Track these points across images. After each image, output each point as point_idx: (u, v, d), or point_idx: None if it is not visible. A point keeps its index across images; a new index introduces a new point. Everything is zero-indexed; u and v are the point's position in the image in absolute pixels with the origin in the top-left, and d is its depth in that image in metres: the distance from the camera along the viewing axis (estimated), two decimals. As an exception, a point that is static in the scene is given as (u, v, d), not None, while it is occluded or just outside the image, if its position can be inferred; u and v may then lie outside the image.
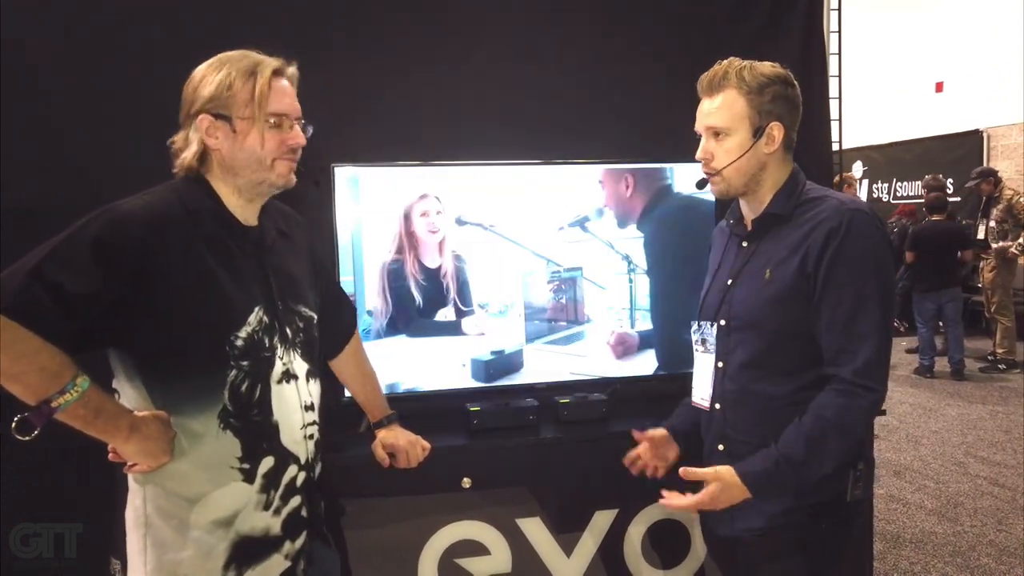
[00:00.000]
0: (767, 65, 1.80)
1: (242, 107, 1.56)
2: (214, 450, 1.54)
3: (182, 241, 1.51)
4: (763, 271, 1.79)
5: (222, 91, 1.55)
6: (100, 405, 1.46)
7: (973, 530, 4.07)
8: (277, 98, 1.59)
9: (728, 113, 1.77)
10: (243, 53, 1.61)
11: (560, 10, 2.83)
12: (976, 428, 5.89)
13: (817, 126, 3.05)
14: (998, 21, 9.49)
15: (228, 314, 1.55)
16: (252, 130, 1.57)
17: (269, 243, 1.69)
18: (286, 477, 1.63)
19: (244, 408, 1.56)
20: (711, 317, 1.90)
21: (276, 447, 1.61)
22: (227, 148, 1.58)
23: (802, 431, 1.68)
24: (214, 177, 1.62)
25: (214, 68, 1.58)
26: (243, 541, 1.58)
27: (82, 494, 2.42)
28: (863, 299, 1.67)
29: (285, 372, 1.63)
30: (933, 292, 7.47)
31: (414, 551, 2.39)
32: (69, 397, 1.40)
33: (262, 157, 1.58)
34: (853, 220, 1.69)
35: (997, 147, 9.88)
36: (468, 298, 2.52)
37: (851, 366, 1.67)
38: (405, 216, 2.45)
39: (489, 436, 2.41)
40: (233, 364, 1.54)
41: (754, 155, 1.77)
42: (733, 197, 1.88)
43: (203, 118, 1.56)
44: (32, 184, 2.37)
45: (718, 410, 1.88)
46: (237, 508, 1.57)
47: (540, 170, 2.62)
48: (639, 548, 2.51)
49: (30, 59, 2.37)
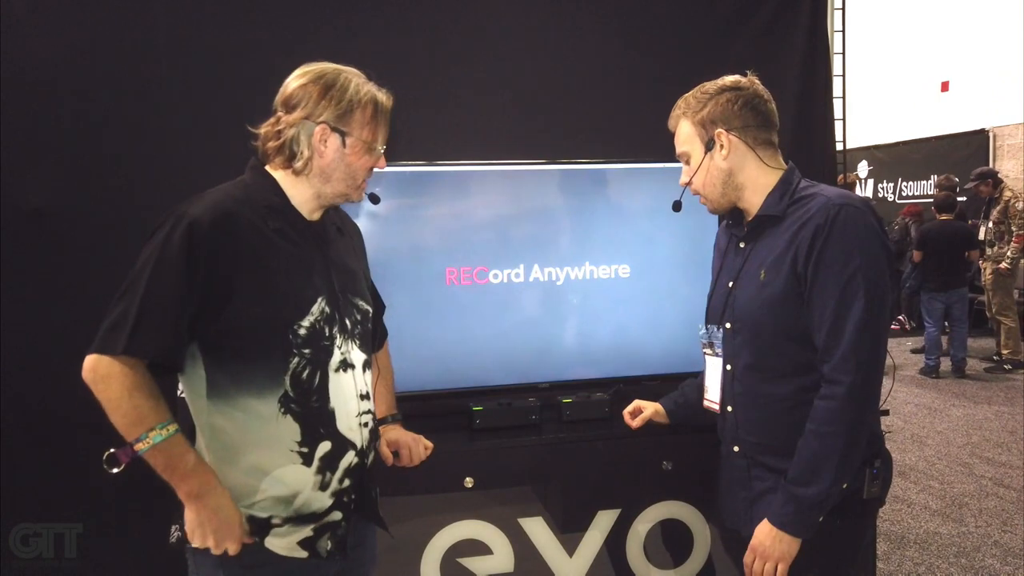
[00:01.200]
0: (717, 81, 1.85)
1: (359, 128, 1.67)
2: (275, 433, 1.61)
3: (252, 236, 1.59)
4: (758, 272, 1.80)
5: (349, 109, 1.65)
6: (171, 461, 1.55)
7: (978, 531, 4.06)
8: (385, 130, 1.73)
9: (682, 138, 1.87)
10: (359, 74, 1.70)
11: (563, 10, 2.82)
12: (981, 428, 5.87)
13: (821, 126, 3.04)
14: (1003, 20, 9.47)
15: (293, 304, 1.63)
16: (361, 152, 1.68)
17: (330, 238, 1.76)
18: (344, 462, 1.69)
19: (304, 394, 1.63)
20: (717, 320, 1.92)
21: (333, 433, 1.68)
22: (331, 159, 1.66)
23: (800, 452, 1.72)
24: (299, 178, 1.68)
25: (341, 84, 1.65)
26: (297, 516, 1.65)
27: (82, 494, 2.43)
28: (849, 295, 1.67)
29: (343, 361, 1.70)
30: (942, 292, 7.46)
31: (416, 550, 2.38)
32: (143, 446, 1.52)
33: (357, 176, 1.71)
34: (839, 215, 1.69)
35: (1003, 146, 9.85)
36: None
37: (831, 361, 1.69)
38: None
39: (492, 436, 2.40)
40: (296, 352, 1.62)
41: (713, 166, 1.82)
42: (724, 210, 1.91)
43: (323, 128, 1.64)
44: (32, 184, 2.37)
45: (730, 412, 1.90)
46: (297, 489, 1.64)
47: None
48: (642, 548, 2.50)
49: (30, 59, 2.37)
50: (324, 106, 1.63)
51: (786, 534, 1.71)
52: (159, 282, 1.51)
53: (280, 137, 1.64)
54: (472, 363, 2.53)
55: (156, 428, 1.52)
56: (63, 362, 2.40)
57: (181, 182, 2.38)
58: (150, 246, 1.55)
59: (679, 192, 1.94)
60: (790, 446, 1.75)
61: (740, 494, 1.89)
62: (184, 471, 1.55)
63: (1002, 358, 7.72)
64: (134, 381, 1.51)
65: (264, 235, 1.61)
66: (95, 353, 1.53)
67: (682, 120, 1.86)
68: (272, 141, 1.66)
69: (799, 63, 2.98)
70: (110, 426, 2.38)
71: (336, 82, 1.65)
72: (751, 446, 1.85)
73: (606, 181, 2.64)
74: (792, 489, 1.70)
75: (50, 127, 2.40)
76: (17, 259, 2.38)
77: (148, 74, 2.46)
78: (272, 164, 1.69)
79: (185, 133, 2.46)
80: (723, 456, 1.96)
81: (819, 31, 3.01)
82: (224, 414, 1.60)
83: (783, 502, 1.72)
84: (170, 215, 1.57)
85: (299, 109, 1.64)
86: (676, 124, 1.89)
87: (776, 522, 1.72)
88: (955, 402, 6.66)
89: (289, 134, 1.64)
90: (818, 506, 1.70)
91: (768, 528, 1.73)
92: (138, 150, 2.46)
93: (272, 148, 1.66)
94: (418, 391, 2.44)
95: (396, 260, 2.43)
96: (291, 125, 1.64)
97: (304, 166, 1.66)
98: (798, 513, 1.70)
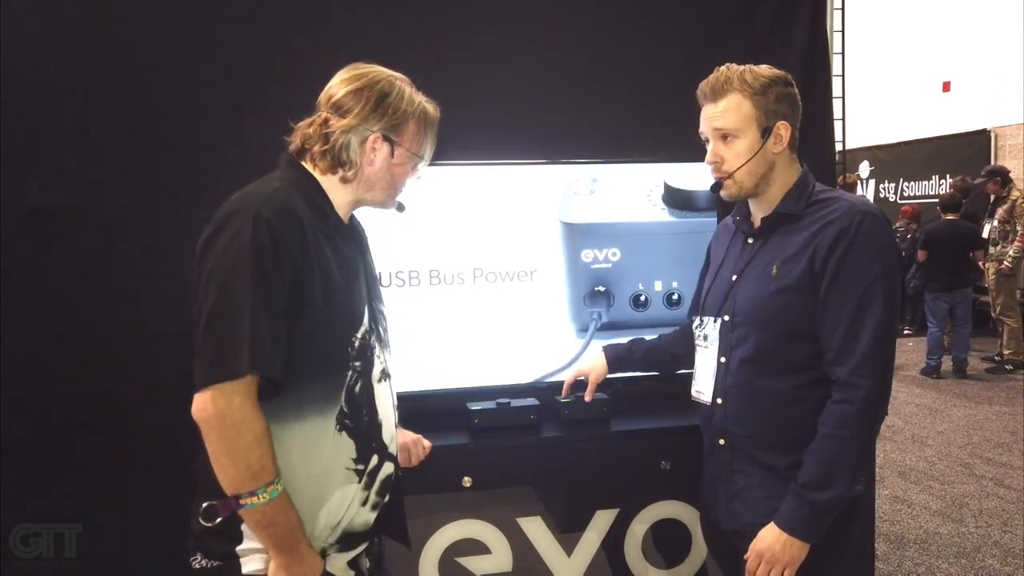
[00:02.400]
0: (764, 67, 1.82)
1: (409, 140, 1.64)
2: (332, 453, 1.54)
3: (314, 238, 1.50)
4: (770, 268, 1.80)
5: (403, 120, 1.62)
6: (276, 518, 1.44)
7: (978, 531, 4.06)
8: (433, 142, 1.71)
9: (736, 116, 1.78)
10: (410, 84, 1.67)
11: (563, 11, 2.83)
12: (982, 429, 5.87)
13: (821, 126, 3.04)
14: (1005, 20, 9.46)
15: (351, 314, 1.58)
16: (407, 163, 1.67)
17: (365, 242, 1.74)
18: (382, 474, 1.65)
19: (356, 409, 1.57)
20: (714, 313, 1.91)
21: (380, 446, 1.64)
22: (378, 167, 1.63)
23: (814, 455, 1.71)
24: (343, 183, 1.62)
25: (398, 94, 1.62)
26: (345, 536, 1.60)
27: (82, 494, 2.43)
28: (868, 300, 1.68)
29: (383, 371, 1.67)
30: (946, 292, 7.46)
31: (415, 550, 2.38)
32: (256, 500, 1.41)
33: (398, 186, 1.69)
34: (864, 222, 1.71)
35: (1004, 147, 9.84)
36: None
37: (848, 365, 1.69)
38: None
39: (490, 435, 2.40)
40: (351, 365, 1.56)
41: (764, 156, 1.79)
42: (745, 198, 1.89)
43: (377, 137, 1.60)
44: (32, 184, 2.38)
45: (719, 405, 1.89)
46: (346, 507, 1.58)
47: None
48: (640, 547, 2.51)
49: (31, 59, 2.37)
50: (380, 115, 1.59)
51: (796, 539, 1.71)
52: (262, 287, 1.39)
53: (328, 141, 1.58)
54: (470, 362, 2.53)
55: (273, 483, 1.42)
56: (63, 362, 2.44)
57: (181, 182, 2.42)
58: (231, 252, 1.40)
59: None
60: (780, 441, 1.77)
61: (720, 487, 1.90)
62: (285, 530, 1.45)
63: (1003, 358, 7.71)
64: (264, 426, 1.40)
65: (321, 240, 1.52)
66: (211, 385, 1.36)
67: (738, 96, 1.77)
68: (319, 144, 1.59)
69: (799, 63, 2.98)
70: (110, 426, 2.42)
71: (391, 91, 1.60)
72: (739, 439, 1.85)
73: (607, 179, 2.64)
74: (806, 494, 1.70)
75: (50, 127, 2.40)
76: (17, 259, 2.38)
77: (148, 74, 2.46)
78: (315, 166, 1.62)
79: (185, 133, 2.46)
80: (706, 450, 1.96)
81: (819, 32, 3.01)
82: (280, 441, 1.47)
83: (795, 506, 1.71)
84: (234, 215, 1.44)
85: (351, 115, 1.58)
86: (723, 96, 1.78)
87: (786, 527, 1.72)
88: (956, 402, 6.65)
89: (340, 140, 1.58)
90: (832, 511, 1.71)
91: (777, 533, 1.72)
92: (138, 150, 2.46)
93: (318, 151, 1.59)
94: (417, 391, 2.45)
95: (396, 260, 2.44)
96: (343, 131, 1.58)
97: (355, 175, 1.61)
98: (811, 517, 1.70)
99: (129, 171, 2.46)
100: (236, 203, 1.47)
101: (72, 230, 2.42)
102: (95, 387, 2.43)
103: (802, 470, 1.72)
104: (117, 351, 2.41)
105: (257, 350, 1.36)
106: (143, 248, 2.42)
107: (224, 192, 1.62)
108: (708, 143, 1.84)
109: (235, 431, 1.37)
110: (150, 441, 2.33)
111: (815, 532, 1.72)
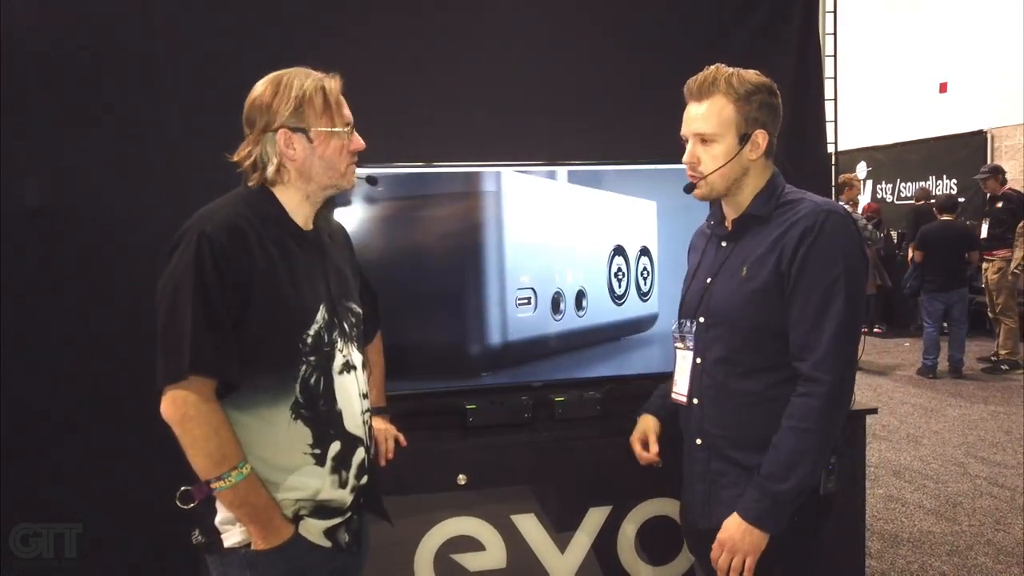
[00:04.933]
0: (752, 73, 1.84)
1: (317, 120, 1.67)
2: (287, 437, 1.66)
3: (260, 250, 1.62)
4: (740, 268, 1.83)
5: (299, 106, 1.66)
6: (247, 498, 1.59)
7: (971, 530, 4.08)
8: (343, 112, 1.72)
9: (716, 119, 1.81)
10: (302, 71, 1.70)
11: (561, 11, 2.85)
12: (977, 428, 5.89)
13: (814, 128, 3.06)
14: (1002, 21, 9.49)
15: (301, 314, 1.68)
16: (329, 140, 1.69)
17: (326, 246, 1.80)
18: (355, 459, 1.76)
19: (312, 399, 1.68)
20: (691, 315, 1.95)
21: (342, 433, 1.73)
22: (303, 158, 1.68)
23: (776, 447, 1.74)
24: (284, 186, 1.71)
25: (285, 86, 1.67)
26: (319, 507, 1.71)
27: (82, 494, 2.45)
28: (831, 297, 1.71)
29: (345, 363, 1.76)
30: (942, 292, 7.48)
31: (410, 547, 2.41)
32: (223, 484, 1.56)
33: (337, 163, 1.71)
34: (828, 221, 1.74)
35: (1001, 147, 9.87)
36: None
37: (811, 360, 1.72)
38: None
39: (484, 434, 2.43)
40: (304, 360, 1.67)
41: (739, 161, 1.82)
42: (715, 199, 1.92)
43: (282, 133, 1.66)
44: (32, 184, 2.40)
45: (696, 405, 1.92)
46: (317, 488, 1.70)
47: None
48: (632, 544, 2.53)
49: (31, 59, 2.40)
50: (276, 112, 1.65)
51: (757, 528, 1.74)
52: (203, 299, 1.53)
53: (251, 156, 1.68)
54: (468, 362, 2.55)
55: (238, 467, 1.56)
56: (63, 362, 2.46)
57: (181, 182, 2.42)
58: (178, 269, 1.56)
59: (679, 192, 1.94)
60: (754, 440, 1.79)
61: (698, 487, 1.92)
62: (256, 506, 1.60)
63: (999, 358, 7.74)
64: (220, 418, 1.56)
65: (269, 248, 1.64)
66: (167, 386, 1.54)
67: (722, 99, 1.79)
68: (246, 161, 1.69)
69: (792, 66, 3.00)
70: (110, 426, 2.44)
71: (279, 85, 1.67)
72: (715, 439, 1.88)
73: (607, 178, 2.68)
74: (767, 484, 1.73)
75: (50, 127, 2.42)
76: (17, 259, 2.40)
77: (148, 74, 2.48)
78: (254, 182, 1.70)
79: (185, 133, 2.48)
80: (685, 450, 1.98)
81: (812, 34, 3.03)
82: (237, 422, 1.61)
83: (757, 497, 1.74)
84: (185, 234, 1.59)
85: (257, 123, 1.67)
86: (708, 96, 1.81)
87: (748, 516, 1.75)
88: (951, 402, 6.67)
89: (255, 152, 1.67)
90: (792, 501, 1.73)
91: (738, 522, 1.76)
92: (138, 150, 2.48)
93: (249, 168, 1.69)
94: (412, 390, 2.47)
95: (395, 260, 2.47)
96: (255, 142, 1.67)
97: (276, 173, 1.68)
98: (773, 508, 1.73)
99: (129, 171, 2.48)
100: (190, 222, 1.62)
101: (72, 230, 2.44)
102: (95, 387, 2.46)
103: (764, 461, 1.75)
104: (117, 351, 2.43)
105: (197, 354, 1.52)
106: (142, 248, 2.43)
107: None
108: (687, 142, 1.87)
109: (193, 425, 1.54)
110: (150, 441, 2.34)
111: (776, 523, 1.74)
